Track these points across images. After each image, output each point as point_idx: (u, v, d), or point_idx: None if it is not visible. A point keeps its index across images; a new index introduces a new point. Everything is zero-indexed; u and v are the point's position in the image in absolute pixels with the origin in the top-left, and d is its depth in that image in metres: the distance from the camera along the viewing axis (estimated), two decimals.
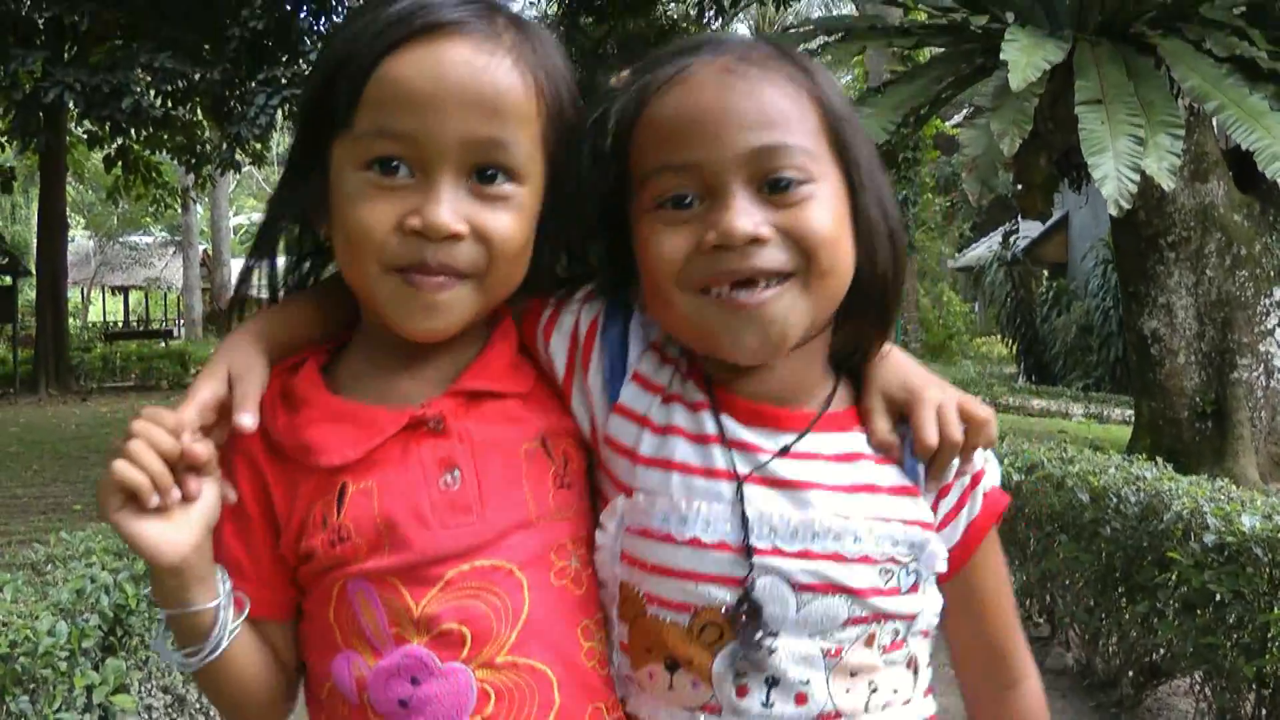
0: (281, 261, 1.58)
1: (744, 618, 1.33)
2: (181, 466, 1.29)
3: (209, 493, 1.32)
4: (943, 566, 1.42)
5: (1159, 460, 5.78)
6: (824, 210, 1.33)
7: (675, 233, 1.34)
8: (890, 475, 1.41)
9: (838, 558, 1.34)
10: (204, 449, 1.30)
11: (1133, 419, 10.63)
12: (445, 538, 1.37)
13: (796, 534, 1.35)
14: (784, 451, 1.39)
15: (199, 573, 1.32)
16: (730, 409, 1.41)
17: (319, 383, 1.45)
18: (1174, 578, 4.62)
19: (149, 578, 1.34)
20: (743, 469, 1.37)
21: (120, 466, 1.25)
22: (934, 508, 1.43)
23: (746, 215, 1.30)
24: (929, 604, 1.42)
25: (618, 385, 1.46)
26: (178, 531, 1.28)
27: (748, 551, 1.34)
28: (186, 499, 1.29)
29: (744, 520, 1.35)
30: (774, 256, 1.31)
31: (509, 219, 1.37)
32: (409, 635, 1.35)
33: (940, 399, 1.43)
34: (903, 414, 1.44)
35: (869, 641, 1.37)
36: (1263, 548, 4.18)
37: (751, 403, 1.42)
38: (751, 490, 1.36)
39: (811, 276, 1.32)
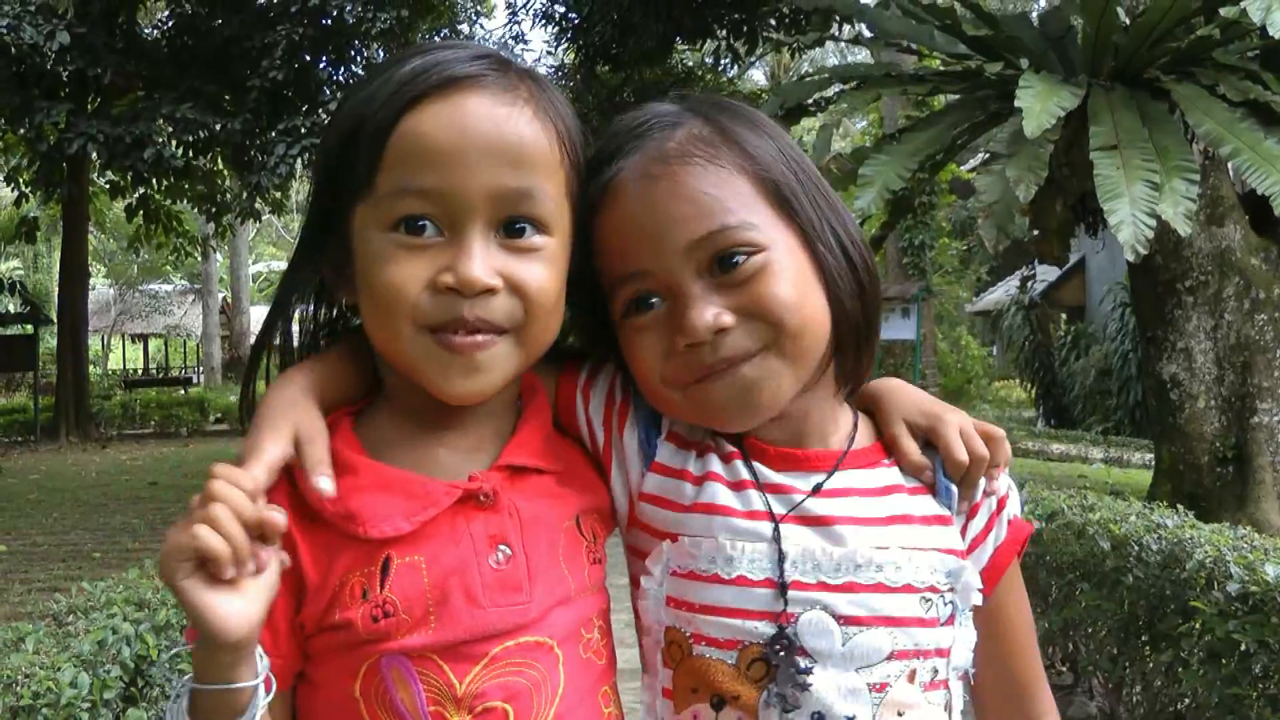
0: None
1: (781, 651, 1.37)
2: (255, 534, 1.19)
3: (273, 563, 1.22)
4: (978, 599, 1.46)
5: (1180, 507, 5.75)
6: (779, 277, 1.37)
7: (648, 336, 1.41)
8: (923, 505, 1.47)
9: (882, 588, 1.39)
10: (282, 518, 1.21)
11: (1153, 463, 10.56)
12: (495, 616, 1.35)
13: (840, 567, 1.39)
14: (817, 490, 1.44)
15: (251, 649, 1.21)
16: (760, 456, 1.47)
17: (359, 447, 1.40)
18: (1197, 627, 4.58)
19: (199, 648, 1.20)
20: (779, 510, 1.43)
21: (203, 533, 1.15)
22: (963, 532, 1.49)
23: (706, 311, 1.35)
24: (963, 638, 1.46)
25: (653, 447, 1.51)
26: (246, 604, 1.17)
27: (782, 587, 1.38)
28: (257, 569, 1.19)
29: (780, 557, 1.39)
30: (740, 341, 1.37)
31: (542, 269, 1.35)
32: (449, 713, 1.32)
33: (960, 421, 1.51)
34: (927, 440, 1.51)
35: (911, 678, 1.39)
36: None
37: (778, 448, 1.47)
38: (790, 529, 1.41)
39: (784, 341, 1.37)
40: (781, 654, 1.37)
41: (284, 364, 1.51)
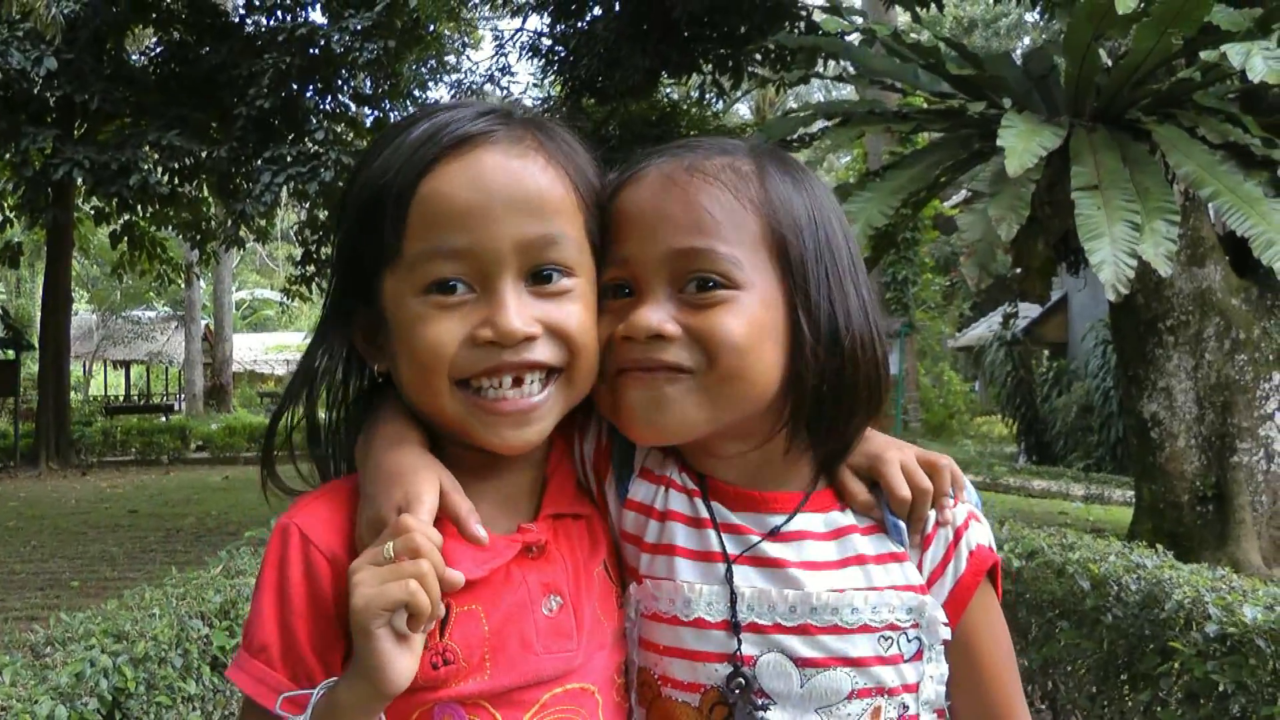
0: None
1: (737, 690, 1.39)
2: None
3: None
4: (946, 633, 1.44)
5: (1159, 547, 5.77)
6: (737, 318, 1.37)
7: (603, 321, 1.44)
8: (877, 544, 1.46)
9: (837, 630, 1.39)
10: (460, 578, 1.26)
11: (1134, 501, 10.60)
12: (547, 662, 1.38)
13: (794, 610, 1.40)
14: (774, 533, 1.44)
15: None
16: (719, 496, 1.48)
17: None
18: (1176, 667, 4.59)
19: (349, 692, 1.26)
20: (734, 550, 1.43)
21: (416, 589, 1.20)
22: (920, 566, 1.46)
23: (653, 313, 1.38)
24: (934, 673, 1.45)
25: (627, 482, 1.52)
26: (414, 660, 1.24)
27: (734, 628, 1.40)
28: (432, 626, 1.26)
29: (733, 597, 1.41)
30: (676, 353, 1.38)
31: (577, 309, 1.38)
32: None
33: (900, 456, 1.49)
34: (873, 479, 1.49)
35: (875, 715, 1.40)
36: (1265, 640, 4.16)
37: (738, 488, 1.48)
38: (745, 570, 1.42)
39: (711, 378, 1.37)
40: (737, 693, 1.38)
41: (312, 433, 1.53)
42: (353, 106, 20.66)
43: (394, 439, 1.42)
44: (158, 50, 21.10)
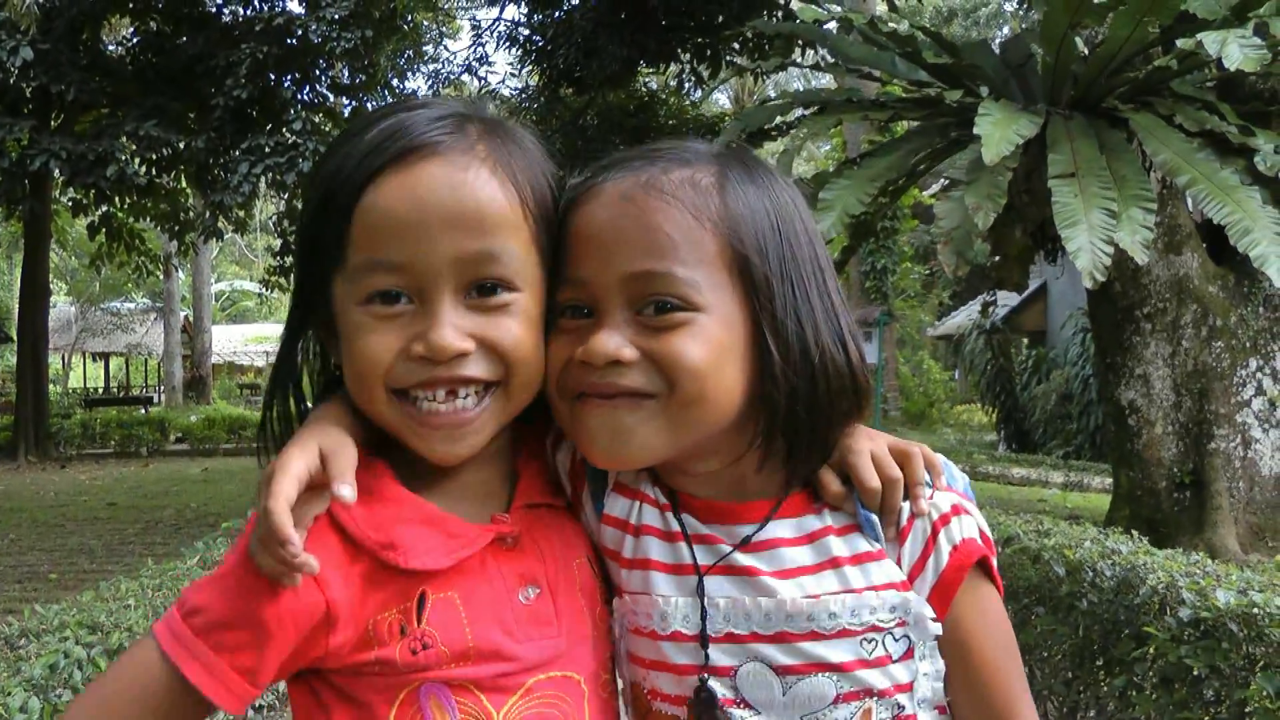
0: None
1: (704, 701, 1.38)
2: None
3: None
4: (937, 628, 1.40)
5: (1135, 533, 5.80)
6: (698, 340, 1.35)
7: (564, 342, 1.42)
8: (852, 544, 1.42)
9: (815, 636, 1.37)
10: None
11: (1112, 488, 10.65)
12: (530, 649, 1.40)
13: (770, 618, 1.38)
14: (744, 543, 1.42)
15: None
16: (689, 509, 1.47)
17: (396, 482, 1.42)
18: (1151, 652, 4.62)
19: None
20: (705, 561, 1.43)
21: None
22: (899, 562, 1.42)
23: (611, 338, 1.36)
24: (927, 670, 1.41)
25: (601, 497, 1.53)
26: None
27: (703, 640, 1.39)
28: None
29: (703, 611, 1.40)
30: (634, 378, 1.37)
31: (514, 325, 1.38)
32: None
33: (869, 446, 1.45)
34: (845, 474, 1.46)
35: (865, 718, 1.38)
36: (1238, 623, 4.18)
37: (708, 501, 1.47)
38: (718, 581, 1.42)
39: (672, 403, 1.36)
40: (704, 704, 1.38)
41: (299, 417, 1.54)
42: (330, 97, 20.54)
43: (315, 412, 1.46)
44: (134, 40, 20.93)
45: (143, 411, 31.05)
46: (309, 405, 1.54)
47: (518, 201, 1.39)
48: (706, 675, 1.38)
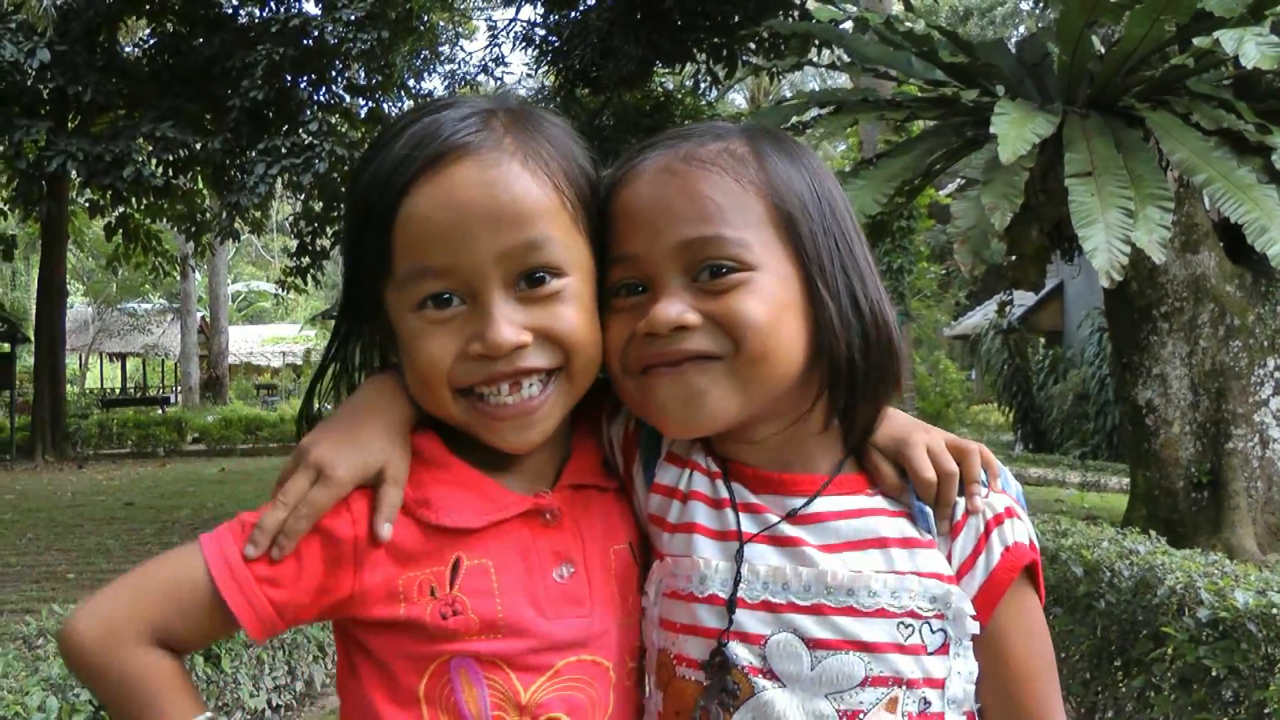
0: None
1: (717, 664, 1.38)
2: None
3: None
4: (974, 627, 1.39)
5: (1153, 534, 5.79)
6: (757, 297, 1.36)
7: (623, 320, 1.42)
8: (902, 529, 1.42)
9: (852, 611, 1.36)
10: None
11: (1129, 488, 10.61)
12: (560, 628, 1.41)
13: (809, 589, 1.38)
14: (793, 515, 1.42)
15: None
16: (740, 477, 1.47)
17: (444, 447, 1.45)
18: (1169, 652, 4.61)
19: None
20: (750, 530, 1.42)
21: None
22: (949, 557, 1.41)
23: (671, 305, 1.37)
24: (961, 669, 1.39)
25: (653, 467, 1.53)
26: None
27: (730, 604, 1.39)
28: None
29: (737, 575, 1.40)
30: (700, 341, 1.37)
31: (568, 310, 1.39)
32: (511, 719, 1.38)
33: (927, 440, 1.46)
34: (900, 464, 1.46)
35: (891, 706, 1.36)
36: (1256, 624, 4.17)
37: (759, 470, 1.47)
38: (761, 550, 1.41)
39: (739, 361, 1.36)
40: (718, 667, 1.38)
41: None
42: (346, 97, 20.60)
43: (382, 400, 1.47)
44: (151, 42, 21.01)
45: (160, 412, 31.19)
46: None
47: (552, 188, 1.39)
48: (726, 640, 1.38)
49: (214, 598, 1.33)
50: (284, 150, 17.11)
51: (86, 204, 22.49)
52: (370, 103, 21.01)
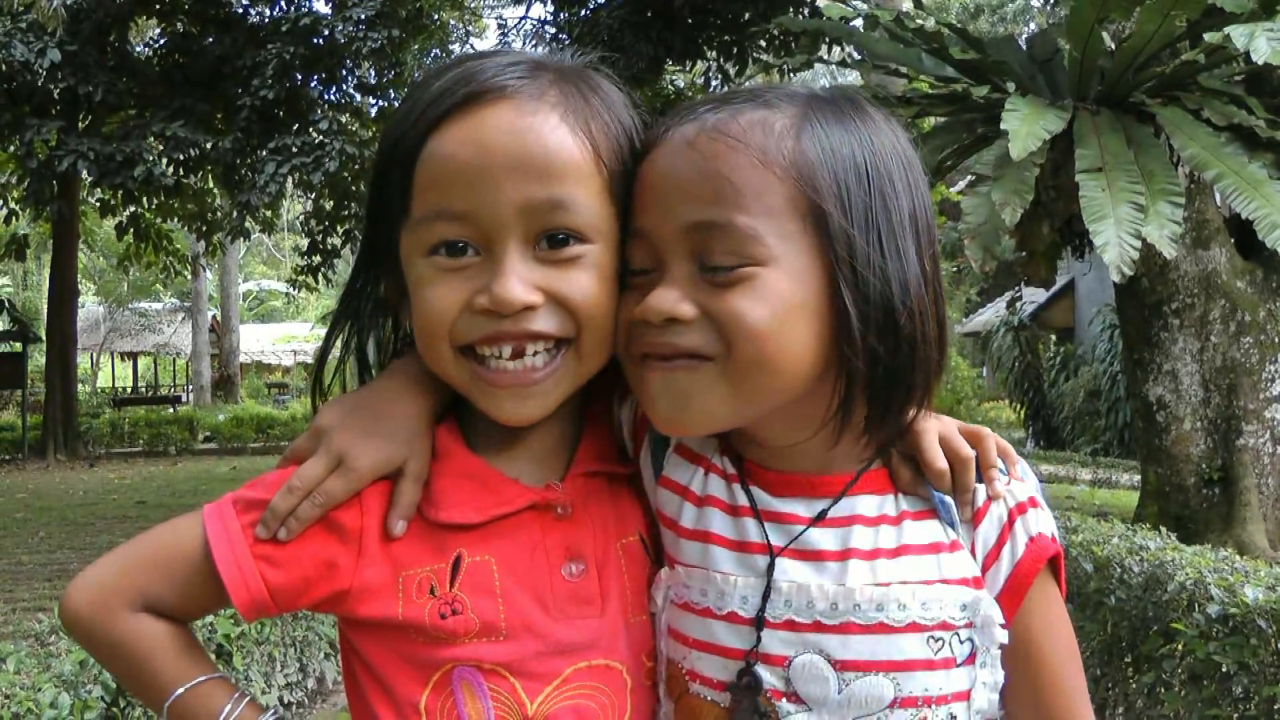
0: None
1: (745, 686, 1.30)
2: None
3: None
4: (1003, 636, 1.31)
5: (1163, 530, 5.78)
6: (761, 299, 1.23)
7: (629, 299, 1.33)
8: (930, 531, 1.33)
9: (883, 628, 1.28)
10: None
11: (1140, 485, 10.59)
12: (566, 629, 1.34)
13: (837, 606, 1.29)
14: (820, 518, 1.33)
15: None
16: (760, 481, 1.38)
17: (454, 436, 1.40)
18: (1179, 649, 4.60)
19: None
20: (777, 541, 1.33)
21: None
22: (973, 550, 1.34)
23: (668, 294, 1.27)
24: (986, 679, 1.33)
25: (661, 459, 1.44)
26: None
27: (758, 623, 1.30)
28: None
29: (765, 593, 1.31)
30: (693, 339, 1.26)
31: (586, 278, 1.30)
32: None
33: (937, 427, 1.38)
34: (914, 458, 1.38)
35: None
36: (1267, 620, 4.16)
37: (779, 472, 1.37)
38: (787, 564, 1.32)
39: (731, 366, 1.25)
40: (745, 690, 1.30)
41: (362, 370, 1.52)
42: (357, 96, 20.64)
43: (408, 388, 1.42)
44: (161, 42, 21.08)
45: (171, 411, 31.20)
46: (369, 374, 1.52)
47: (589, 149, 1.31)
48: (754, 660, 1.30)
49: (208, 569, 1.31)
50: (294, 149, 17.14)
51: (97, 203, 22.52)
52: (381, 101, 21.03)
